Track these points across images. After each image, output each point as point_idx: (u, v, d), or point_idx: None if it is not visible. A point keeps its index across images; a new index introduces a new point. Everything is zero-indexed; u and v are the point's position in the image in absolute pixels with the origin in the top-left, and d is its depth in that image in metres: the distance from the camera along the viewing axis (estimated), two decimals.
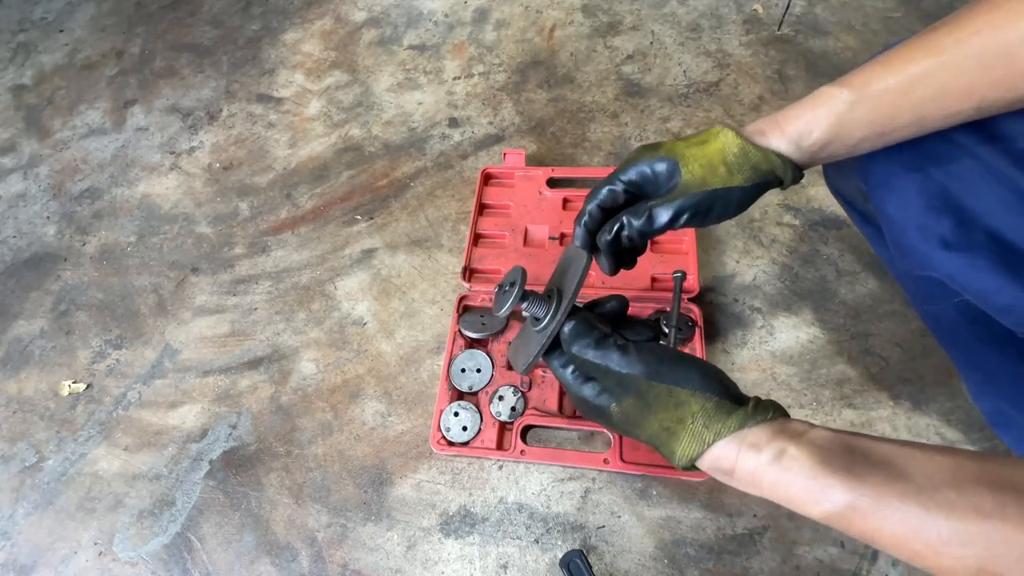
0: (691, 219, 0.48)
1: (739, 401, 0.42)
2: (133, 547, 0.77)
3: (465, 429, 0.76)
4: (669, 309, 0.79)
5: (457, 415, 0.76)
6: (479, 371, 0.79)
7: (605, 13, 1.22)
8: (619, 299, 0.52)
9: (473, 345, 0.82)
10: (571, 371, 0.48)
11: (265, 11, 1.38)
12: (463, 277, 0.86)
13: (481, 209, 0.94)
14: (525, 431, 0.76)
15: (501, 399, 0.77)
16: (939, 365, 0.76)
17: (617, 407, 0.45)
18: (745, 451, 0.40)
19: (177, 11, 1.43)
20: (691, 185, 0.48)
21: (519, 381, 0.78)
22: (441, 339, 0.86)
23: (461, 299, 0.85)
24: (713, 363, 0.79)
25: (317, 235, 1.00)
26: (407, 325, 0.89)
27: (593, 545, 0.70)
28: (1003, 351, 0.53)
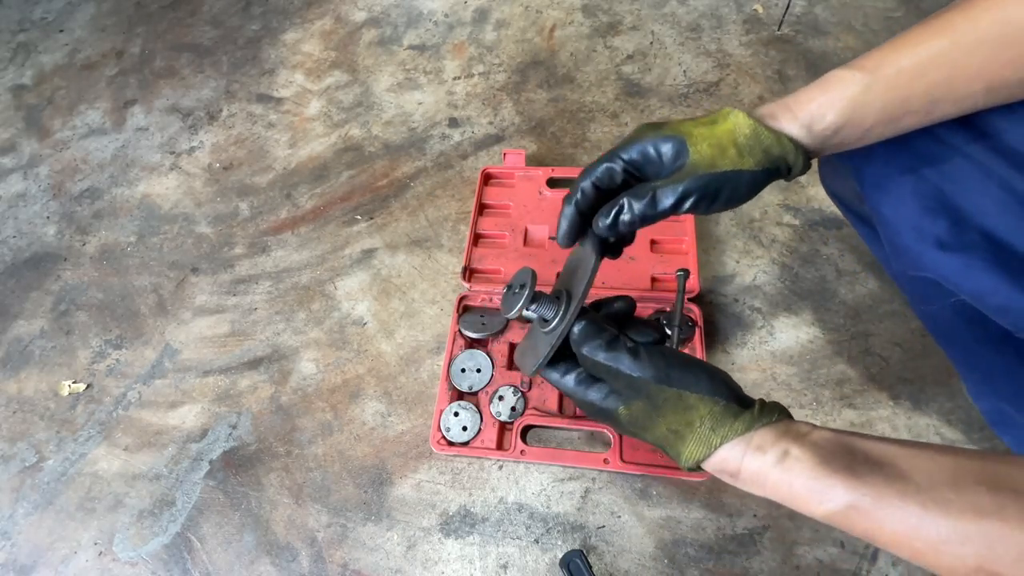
0: (697, 203, 0.44)
1: (745, 404, 0.42)
2: (133, 547, 0.77)
3: (465, 429, 0.76)
4: (670, 309, 0.79)
5: (457, 415, 0.76)
6: (479, 371, 0.79)
7: (605, 13, 1.22)
8: (626, 300, 0.51)
9: (473, 345, 0.82)
10: (573, 378, 0.47)
11: (265, 11, 1.38)
12: (463, 277, 0.86)
13: (481, 209, 0.94)
14: (525, 431, 0.76)
15: (501, 399, 0.77)
16: (939, 365, 0.76)
17: (626, 409, 0.45)
18: (750, 453, 0.40)
19: (177, 11, 1.43)
20: (699, 166, 0.44)
21: (519, 381, 0.78)
22: (441, 339, 0.86)
23: (461, 299, 0.85)
24: (713, 363, 0.79)
25: (317, 235, 1.00)
26: (407, 325, 0.89)
27: (593, 545, 0.70)
28: (1000, 351, 0.53)
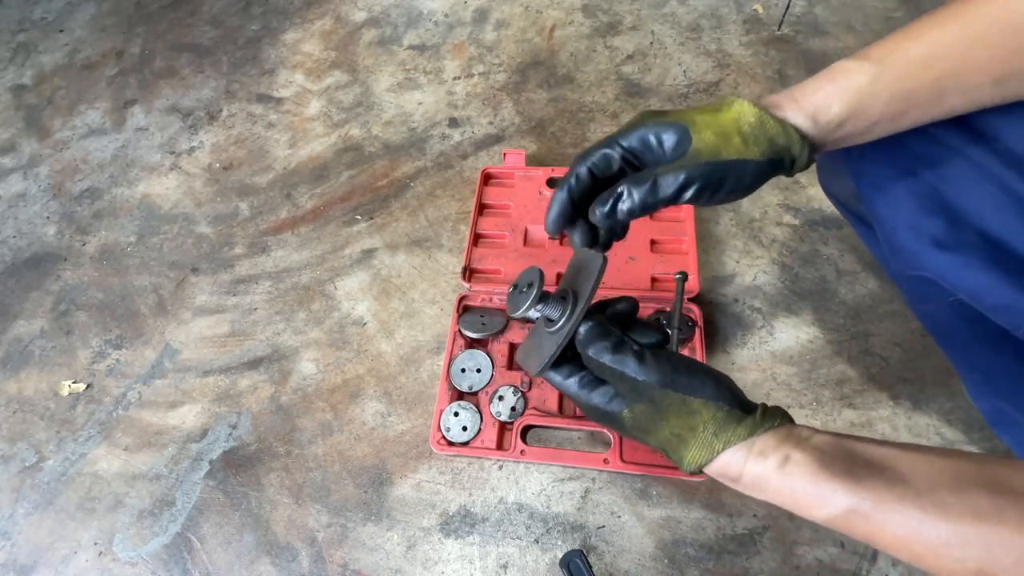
0: (700, 191, 0.43)
1: (747, 409, 0.42)
2: (133, 547, 0.77)
3: (465, 429, 0.76)
4: (670, 309, 0.79)
5: (457, 415, 0.76)
6: (479, 371, 0.79)
7: (605, 13, 1.22)
8: (629, 300, 0.51)
9: (473, 345, 0.82)
10: (577, 380, 0.47)
11: (265, 11, 1.38)
12: (463, 277, 0.86)
13: (481, 209, 0.94)
14: (525, 431, 0.76)
15: (501, 399, 0.77)
16: (939, 365, 0.76)
17: (629, 413, 0.45)
18: (752, 459, 0.40)
19: (177, 11, 1.43)
20: (702, 153, 0.43)
21: (519, 381, 0.78)
22: (441, 339, 0.86)
23: (461, 299, 0.85)
24: (713, 363, 0.79)
25: (317, 235, 1.00)
26: (407, 325, 0.89)
27: (593, 545, 0.70)
28: (999, 350, 0.53)
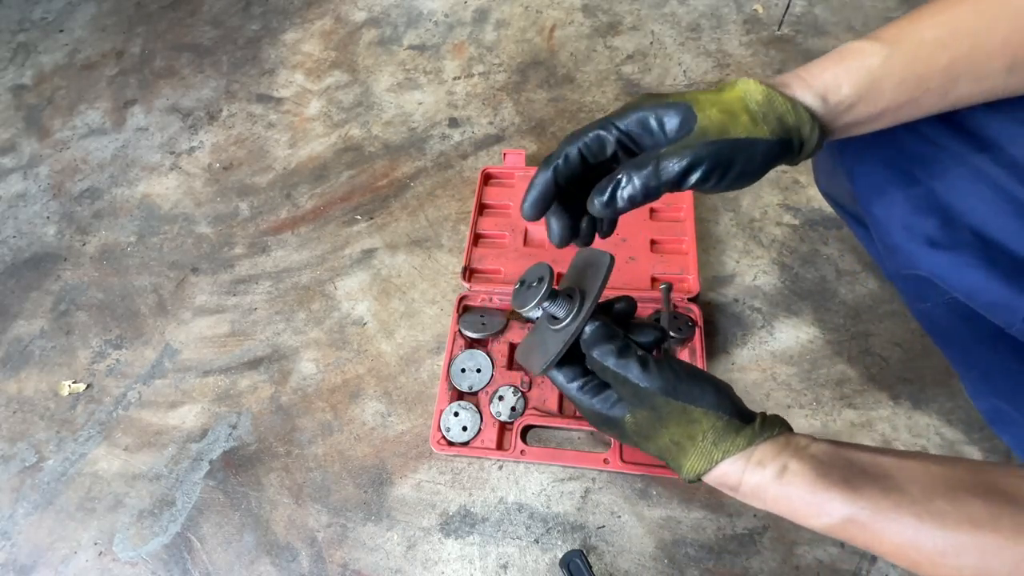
0: (708, 174, 0.39)
1: (747, 418, 0.42)
2: (133, 547, 0.77)
3: (465, 429, 0.76)
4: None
5: (457, 415, 0.76)
6: (479, 371, 0.79)
7: (605, 13, 1.22)
8: (628, 300, 0.51)
9: (473, 345, 0.82)
10: (579, 384, 0.47)
11: (265, 11, 1.38)
12: (463, 277, 0.86)
13: (481, 209, 0.94)
14: (525, 431, 0.76)
15: (501, 399, 0.77)
16: (939, 365, 0.76)
17: (631, 418, 0.45)
18: (751, 468, 0.40)
19: (177, 11, 1.43)
20: (709, 132, 0.39)
21: (519, 381, 0.78)
22: (441, 339, 0.86)
23: (461, 299, 0.85)
24: (713, 363, 0.79)
25: (317, 235, 1.00)
26: (407, 325, 0.89)
27: (593, 545, 0.70)
28: (996, 348, 0.53)
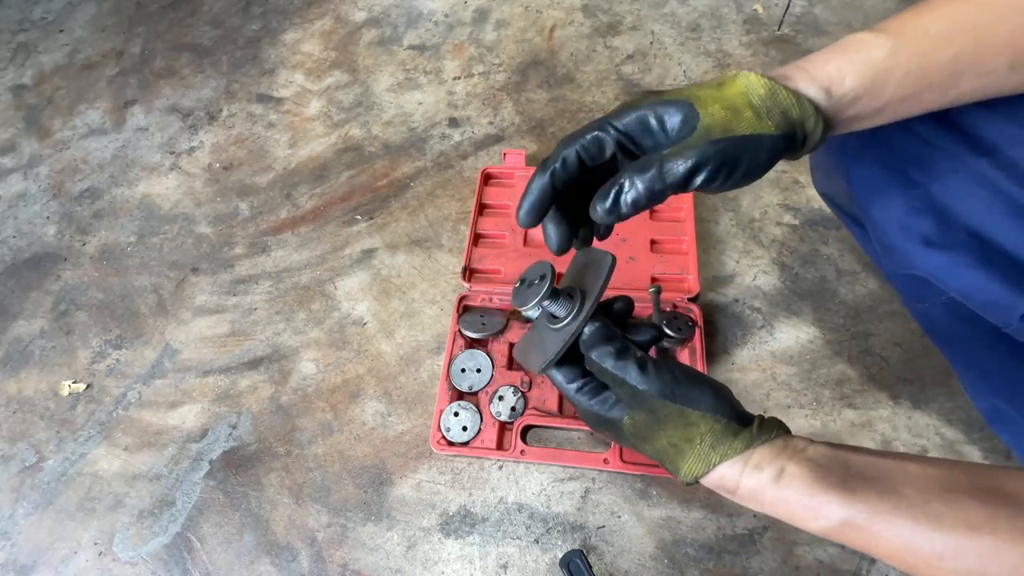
0: (714, 174, 0.38)
1: (745, 421, 0.42)
2: (133, 547, 0.77)
3: (465, 429, 0.76)
4: (668, 310, 0.79)
5: (457, 415, 0.76)
6: (479, 371, 0.79)
7: (605, 13, 1.22)
8: (625, 300, 0.50)
9: (473, 345, 0.82)
10: (578, 384, 0.46)
11: (265, 11, 1.38)
12: (463, 277, 0.86)
13: (481, 209, 0.94)
14: (525, 431, 0.76)
15: (501, 399, 0.77)
16: (939, 365, 0.76)
17: (629, 420, 0.44)
18: (748, 471, 0.40)
19: (177, 11, 1.43)
20: (712, 130, 0.38)
21: (519, 381, 0.78)
22: (441, 339, 0.86)
23: (461, 299, 0.85)
24: (713, 363, 0.79)
25: (317, 235, 1.00)
26: (407, 325, 0.89)
27: (593, 545, 0.70)
28: (994, 348, 0.53)
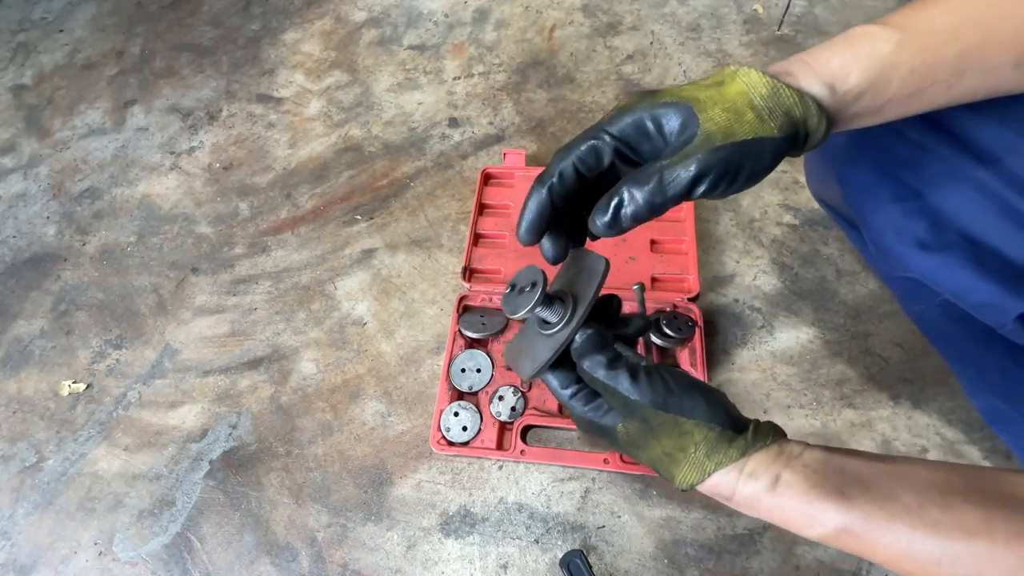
0: (716, 182, 0.36)
1: (740, 428, 0.42)
2: (133, 547, 0.77)
3: (465, 429, 0.76)
4: (668, 310, 0.79)
5: (457, 415, 0.76)
6: (479, 371, 0.79)
7: (605, 13, 1.22)
8: (612, 298, 0.50)
9: (473, 345, 0.83)
10: (572, 391, 0.46)
11: (265, 11, 1.38)
12: (463, 277, 0.86)
13: (481, 209, 0.94)
14: (525, 431, 0.76)
15: (501, 399, 0.77)
16: (939, 365, 0.76)
17: (623, 428, 0.44)
18: (743, 479, 0.40)
19: (177, 11, 1.43)
20: (713, 136, 0.36)
21: (519, 381, 0.78)
22: (441, 339, 0.86)
23: (461, 299, 0.85)
24: (713, 363, 0.79)
25: (317, 235, 1.00)
26: (407, 325, 0.89)
27: (593, 545, 0.70)
28: (990, 347, 0.53)
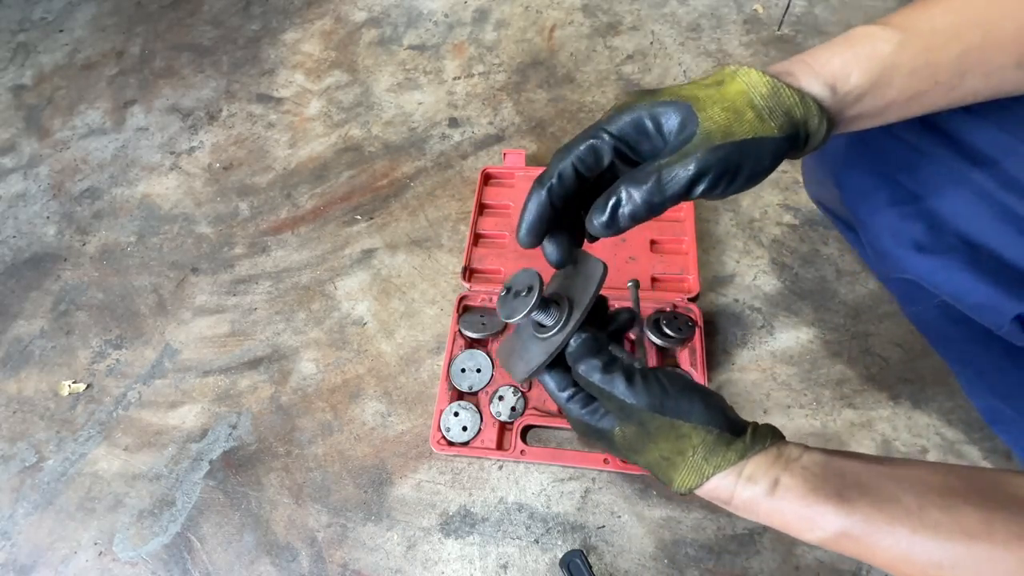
0: (715, 182, 0.36)
1: (738, 431, 0.41)
2: (133, 547, 0.77)
3: (465, 429, 0.76)
4: (668, 310, 0.79)
5: (457, 415, 0.76)
6: (479, 371, 0.79)
7: (605, 13, 1.22)
8: (602, 299, 0.49)
9: (473, 345, 0.83)
10: (568, 394, 0.46)
11: (265, 11, 1.38)
12: (463, 277, 0.86)
13: (481, 209, 0.94)
14: (525, 431, 0.76)
15: (501, 399, 0.77)
16: (939, 365, 0.76)
17: (620, 432, 0.44)
18: (742, 483, 0.40)
19: (177, 11, 1.43)
20: (712, 135, 0.35)
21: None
22: (441, 339, 0.86)
23: (461, 299, 0.85)
24: (714, 363, 0.79)
25: (317, 235, 1.00)
26: (407, 325, 0.89)
27: (593, 545, 0.70)
28: (988, 348, 0.53)
